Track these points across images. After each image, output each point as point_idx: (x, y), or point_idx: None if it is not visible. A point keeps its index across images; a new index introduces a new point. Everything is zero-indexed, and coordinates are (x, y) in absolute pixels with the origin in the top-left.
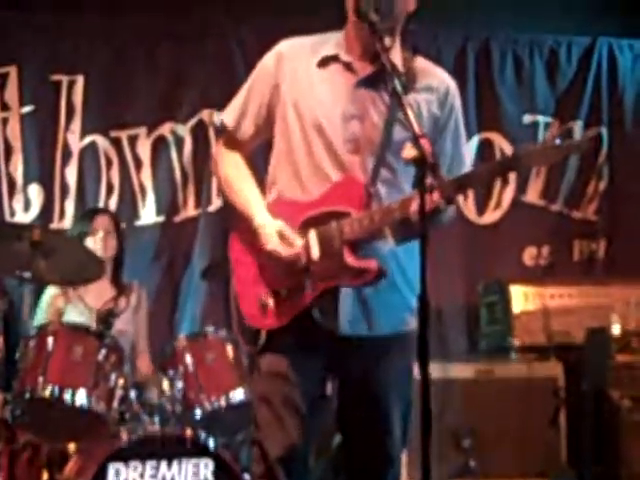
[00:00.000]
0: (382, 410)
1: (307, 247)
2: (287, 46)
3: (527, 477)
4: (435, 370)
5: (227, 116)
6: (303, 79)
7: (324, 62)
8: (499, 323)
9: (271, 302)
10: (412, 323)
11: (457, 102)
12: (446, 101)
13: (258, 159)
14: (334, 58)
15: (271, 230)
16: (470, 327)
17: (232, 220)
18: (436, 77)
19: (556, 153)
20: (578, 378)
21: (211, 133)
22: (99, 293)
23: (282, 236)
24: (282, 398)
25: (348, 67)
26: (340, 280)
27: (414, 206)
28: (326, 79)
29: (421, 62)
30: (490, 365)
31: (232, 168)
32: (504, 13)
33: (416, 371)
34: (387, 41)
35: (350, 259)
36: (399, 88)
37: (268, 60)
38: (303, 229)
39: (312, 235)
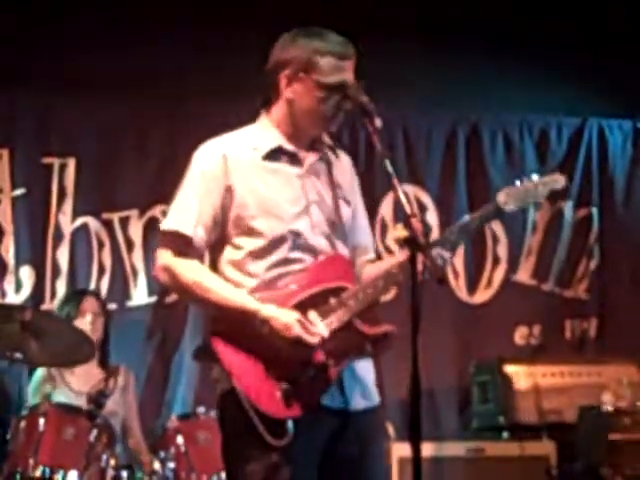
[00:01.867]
0: None
1: (317, 329)
2: (227, 146)
3: None
4: (427, 449)
5: (181, 224)
6: (255, 176)
7: (269, 156)
8: (491, 402)
9: (293, 391)
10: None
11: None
12: (353, 173)
13: None
14: (278, 150)
15: (290, 319)
16: (462, 406)
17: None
18: (340, 151)
19: (526, 193)
20: (571, 457)
21: None
22: (87, 376)
23: (302, 324)
24: None
25: (293, 157)
26: (361, 351)
27: (419, 266)
28: (278, 172)
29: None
30: (482, 444)
31: (196, 271)
32: (494, 94)
33: (408, 450)
34: (378, 122)
35: (367, 328)
36: (391, 170)
37: (213, 163)
38: (298, 312)
39: (313, 315)
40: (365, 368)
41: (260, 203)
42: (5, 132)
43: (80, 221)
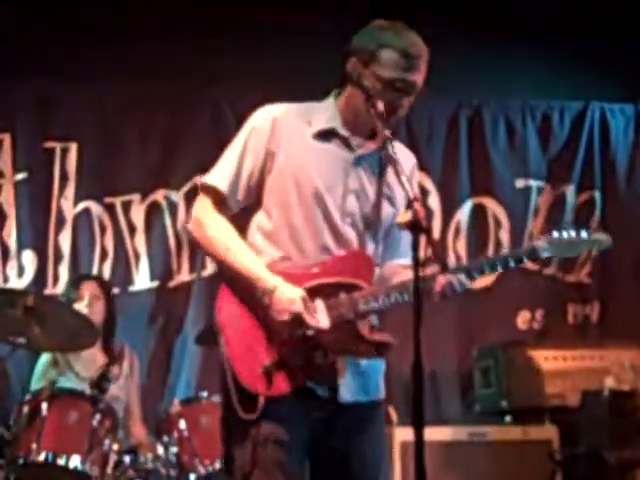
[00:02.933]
0: (366, 475)
1: (317, 317)
2: (280, 112)
3: None
4: (429, 433)
5: (219, 180)
6: (300, 150)
7: (321, 135)
8: (493, 386)
9: (276, 368)
10: (384, 391)
11: (417, 178)
12: (413, 175)
13: None
14: (331, 132)
15: (294, 295)
16: (464, 390)
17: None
18: (402, 152)
19: (569, 247)
20: (573, 441)
21: None
22: (90, 360)
23: (305, 302)
24: (282, 468)
25: (345, 142)
26: (354, 352)
27: (438, 287)
28: (324, 152)
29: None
30: (484, 428)
31: (224, 229)
32: (496, 79)
33: (411, 434)
34: (380, 106)
35: (367, 332)
36: (394, 154)
37: (262, 124)
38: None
39: (320, 304)
40: (369, 363)
41: (296, 177)
42: (7, 117)
43: (82, 205)
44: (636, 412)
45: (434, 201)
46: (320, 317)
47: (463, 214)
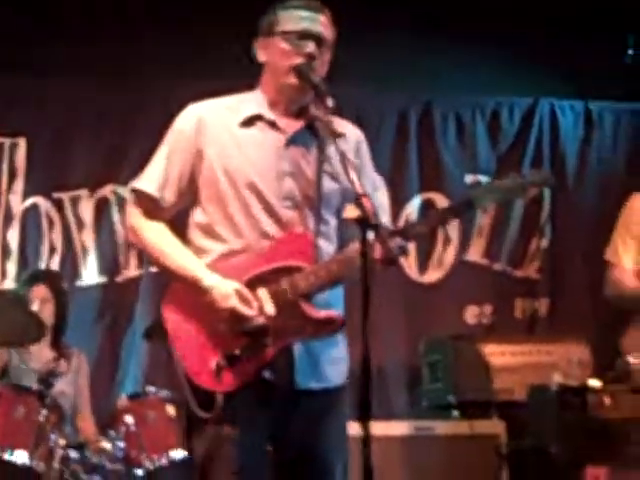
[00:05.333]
0: (326, 467)
1: (261, 305)
2: (205, 110)
3: None
4: (376, 427)
5: (148, 184)
6: (228, 141)
7: (247, 122)
8: (441, 381)
9: (227, 364)
10: (345, 376)
11: (367, 152)
12: (359, 152)
13: None
14: (258, 117)
15: (229, 290)
16: (412, 385)
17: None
18: (347, 129)
19: (504, 190)
20: (520, 436)
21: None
22: (39, 356)
23: (241, 295)
24: (236, 465)
25: (273, 125)
26: (303, 334)
27: (377, 253)
28: (252, 139)
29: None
30: (431, 423)
31: (158, 234)
32: (446, 76)
33: (357, 428)
34: (329, 102)
35: (312, 312)
36: (342, 149)
37: (186, 125)
38: (249, 287)
39: (263, 292)
40: (328, 348)
41: (226, 170)
42: None
43: (30, 201)
44: (583, 408)
45: (383, 196)
46: (264, 305)
47: (412, 209)
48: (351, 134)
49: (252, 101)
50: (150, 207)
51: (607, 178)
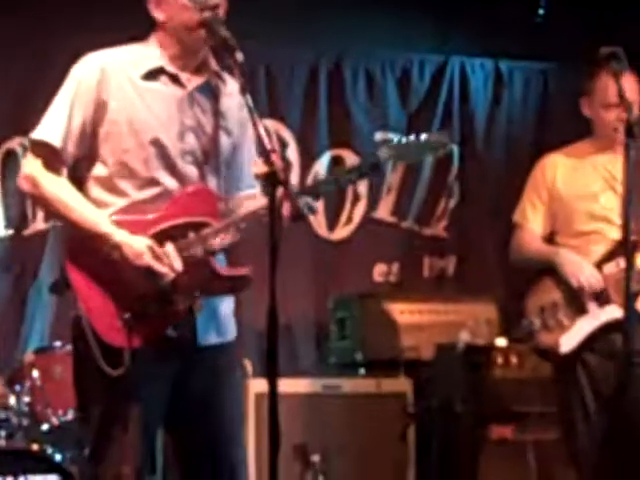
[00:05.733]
0: (224, 422)
1: (170, 261)
2: (107, 60)
3: None
4: (283, 385)
5: (49, 135)
6: (131, 94)
7: (150, 75)
8: (348, 339)
9: (134, 321)
10: (236, 330)
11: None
12: (242, 103)
13: None
14: (160, 70)
15: (141, 247)
16: (319, 342)
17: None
18: (232, 81)
19: (416, 148)
20: (428, 394)
21: None
22: None
23: (153, 252)
24: (139, 420)
25: (174, 79)
26: (211, 291)
27: (285, 210)
28: (156, 93)
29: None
30: (339, 380)
31: (60, 187)
32: (356, 31)
33: (264, 386)
34: (239, 56)
35: (221, 268)
36: (251, 104)
37: (89, 75)
38: (155, 242)
39: (170, 248)
40: (222, 303)
41: (131, 123)
42: None
43: None
44: (490, 367)
45: (292, 153)
46: (172, 261)
47: (321, 165)
48: (234, 88)
49: (152, 52)
50: (51, 158)
51: (516, 138)
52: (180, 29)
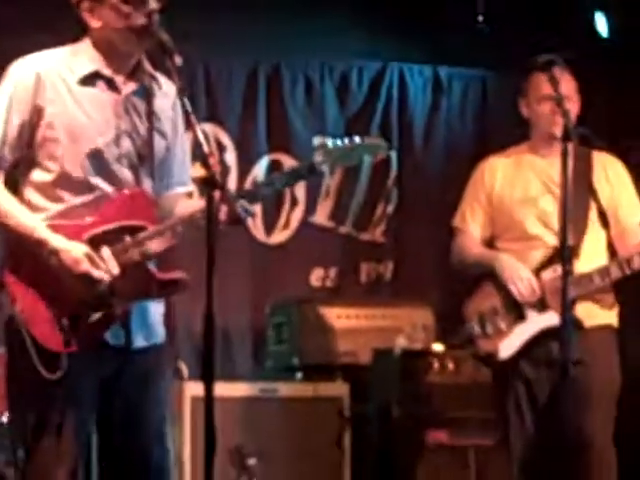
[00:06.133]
0: (151, 425)
1: (106, 265)
2: (43, 64)
3: None
4: (220, 388)
5: None
6: (67, 99)
7: (86, 80)
8: (285, 343)
9: (72, 325)
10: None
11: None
12: (175, 104)
13: None
14: (95, 75)
15: (79, 254)
16: (256, 346)
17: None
18: (165, 82)
19: (352, 151)
20: (364, 399)
21: None
22: None
23: (90, 258)
24: (73, 423)
25: (110, 83)
26: (148, 294)
27: (222, 214)
28: (92, 98)
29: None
30: (275, 384)
31: None
32: (295, 36)
33: (201, 389)
34: (178, 60)
35: (158, 272)
36: (189, 108)
37: (24, 80)
38: (91, 247)
39: (106, 252)
40: (151, 306)
41: (67, 128)
42: None
43: None
44: (426, 372)
45: (231, 157)
46: (109, 265)
47: (259, 170)
48: (169, 89)
49: (85, 56)
50: None
51: (454, 144)
52: (116, 35)
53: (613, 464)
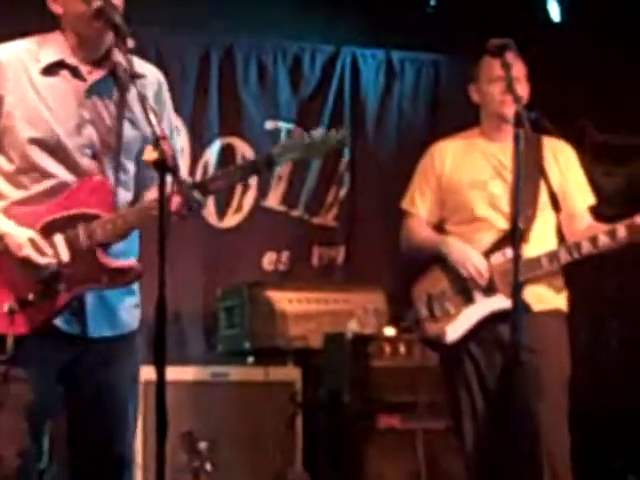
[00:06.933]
0: (114, 413)
1: (56, 251)
2: (5, 53)
3: None
4: (171, 372)
5: None
6: (27, 88)
7: (49, 69)
8: (237, 327)
9: (18, 309)
10: (138, 321)
11: (168, 94)
12: (160, 94)
13: None
14: (59, 64)
15: (22, 238)
16: (208, 330)
17: None
18: (148, 70)
19: (305, 149)
20: (315, 383)
21: None
22: None
23: (34, 244)
24: (21, 403)
25: (75, 72)
26: (98, 282)
27: (174, 206)
28: (54, 87)
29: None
30: (227, 368)
31: None
32: (248, 20)
33: (152, 373)
34: (130, 43)
35: (107, 260)
36: (142, 91)
37: None
38: (45, 233)
39: (59, 239)
40: (116, 295)
41: (29, 117)
42: None
43: None
44: (378, 356)
45: (183, 140)
46: (59, 252)
47: (212, 154)
48: (152, 76)
49: (53, 46)
50: None
51: (407, 128)
52: (76, 21)
53: (566, 451)
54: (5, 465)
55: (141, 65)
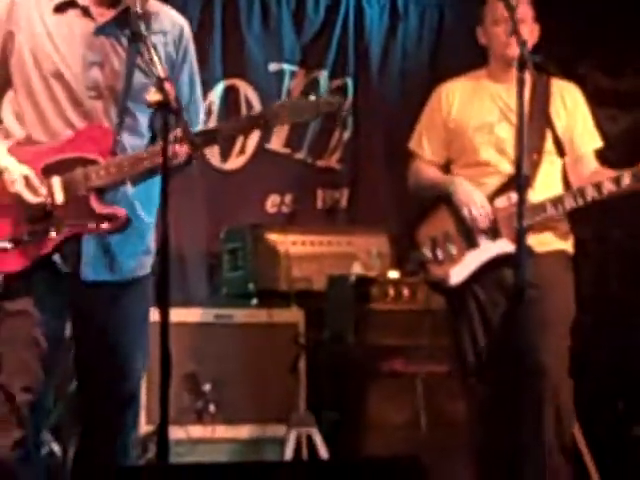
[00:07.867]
0: (121, 355)
1: (51, 192)
2: None
3: (267, 422)
4: (175, 314)
5: None
6: (39, 27)
7: (61, 8)
8: (241, 269)
9: (10, 246)
10: (149, 267)
11: (191, 45)
12: (180, 44)
13: None
14: (71, 3)
15: (16, 174)
16: (212, 272)
17: None
18: (170, 19)
19: (306, 109)
20: (319, 325)
21: None
22: None
23: (27, 181)
24: (25, 338)
25: (86, 12)
26: (86, 226)
27: (173, 154)
28: (64, 26)
29: (154, 4)
30: (230, 310)
31: None
32: None
33: (156, 315)
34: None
35: (96, 205)
36: (144, 32)
37: (1, 5)
38: (45, 174)
39: (55, 181)
40: (119, 240)
41: (35, 56)
42: None
43: None
44: (381, 299)
45: None
46: (55, 194)
47: (215, 95)
48: (172, 23)
49: None
50: None
51: (411, 71)
52: None
53: (568, 390)
54: (14, 400)
55: (165, 12)
